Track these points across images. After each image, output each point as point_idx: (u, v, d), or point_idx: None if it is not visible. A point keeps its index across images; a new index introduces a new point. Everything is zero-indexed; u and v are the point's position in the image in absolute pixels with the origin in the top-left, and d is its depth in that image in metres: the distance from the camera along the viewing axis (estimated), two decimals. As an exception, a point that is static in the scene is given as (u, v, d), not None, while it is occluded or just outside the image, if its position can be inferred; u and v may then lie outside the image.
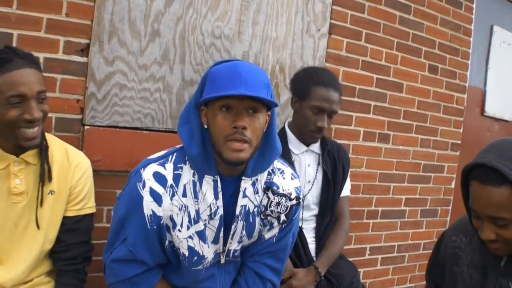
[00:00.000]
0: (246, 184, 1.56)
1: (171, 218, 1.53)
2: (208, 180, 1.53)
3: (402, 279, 3.47)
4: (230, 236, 1.60)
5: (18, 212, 1.59)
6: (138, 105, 2.20)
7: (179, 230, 1.54)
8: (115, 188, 2.17)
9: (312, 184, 2.26)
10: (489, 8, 3.92)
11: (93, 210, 1.76)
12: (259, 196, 1.60)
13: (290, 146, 2.22)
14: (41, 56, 1.95)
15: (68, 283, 1.68)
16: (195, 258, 1.58)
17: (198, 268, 1.60)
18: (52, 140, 1.68)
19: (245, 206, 1.57)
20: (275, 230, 1.66)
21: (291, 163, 2.15)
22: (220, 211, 1.54)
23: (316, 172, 2.27)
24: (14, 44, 1.90)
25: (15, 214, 1.58)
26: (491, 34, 3.99)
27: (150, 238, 1.54)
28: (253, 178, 1.58)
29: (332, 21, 2.81)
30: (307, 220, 2.27)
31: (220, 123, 1.43)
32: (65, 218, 1.68)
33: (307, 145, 2.24)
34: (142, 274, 1.60)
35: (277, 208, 1.61)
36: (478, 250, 1.53)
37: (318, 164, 2.28)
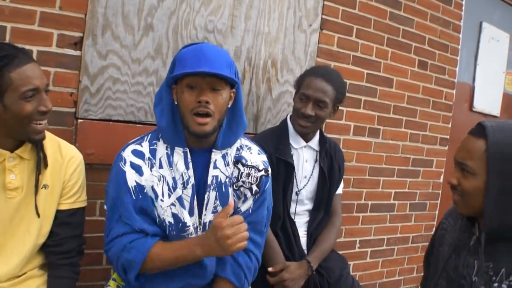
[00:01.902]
0: (216, 156, 1.71)
1: (153, 189, 1.65)
2: (178, 152, 1.68)
3: (391, 272, 3.52)
4: (204, 207, 1.70)
5: (13, 207, 1.60)
6: (131, 98, 2.21)
7: (162, 200, 1.66)
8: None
9: (308, 180, 2.28)
10: (478, 5, 3.96)
11: (85, 203, 1.79)
12: (230, 168, 1.74)
13: (290, 140, 2.24)
14: (34, 49, 1.96)
15: (63, 276, 1.69)
16: (180, 224, 1.68)
17: (184, 235, 1.69)
18: (46, 134, 1.68)
19: (216, 176, 1.71)
20: (250, 202, 1.78)
21: (289, 156, 2.19)
22: (192, 180, 1.68)
23: (313, 169, 2.30)
24: (7, 37, 1.90)
25: (10, 209, 1.59)
26: (480, 31, 4.04)
27: (139, 210, 1.64)
28: (223, 152, 1.73)
29: (324, 17, 2.84)
30: (300, 215, 2.30)
31: (186, 99, 1.60)
32: (58, 212, 1.70)
33: (306, 141, 2.26)
34: (138, 240, 1.64)
35: (248, 178, 1.76)
36: (459, 231, 1.62)
37: (316, 161, 2.30)
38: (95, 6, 2.06)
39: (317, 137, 2.30)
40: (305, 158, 2.27)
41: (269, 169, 1.83)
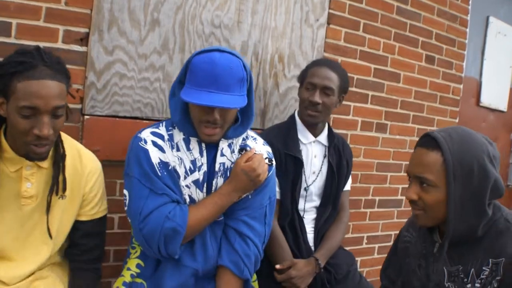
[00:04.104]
0: (223, 144, 1.77)
1: (175, 169, 1.70)
2: (194, 140, 1.73)
3: (398, 268, 3.50)
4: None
5: (26, 214, 1.56)
6: (138, 94, 2.20)
7: (182, 181, 1.72)
8: (115, 178, 2.17)
9: (317, 176, 2.26)
10: (485, -1, 3.94)
11: (105, 212, 1.76)
12: (235, 154, 1.80)
13: (299, 135, 2.22)
14: (40, 45, 1.93)
15: (87, 277, 1.70)
16: None
17: None
18: (66, 142, 1.63)
19: (223, 163, 1.77)
20: None
21: (298, 152, 2.17)
22: (204, 168, 1.74)
23: (322, 164, 2.27)
24: (13, 34, 1.89)
25: (22, 215, 1.55)
26: (487, 25, 4.01)
27: (167, 184, 1.67)
28: (229, 141, 1.79)
29: (331, 11, 2.81)
30: (308, 211, 2.27)
31: (194, 113, 1.67)
32: (80, 223, 1.68)
33: (315, 136, 2.24)
34: (176, 208, 1.66)
35: None
36: (422, 240, 1.65)
37: (324, 156, 2.28)
38: (101, 1, 2.05)
39: (325, 131, 2.28)
40: (314, 154, 2.25)
41: (273, 160, 1.88)
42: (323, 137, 2.27)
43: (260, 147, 1.86)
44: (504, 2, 4.19)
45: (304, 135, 2.23)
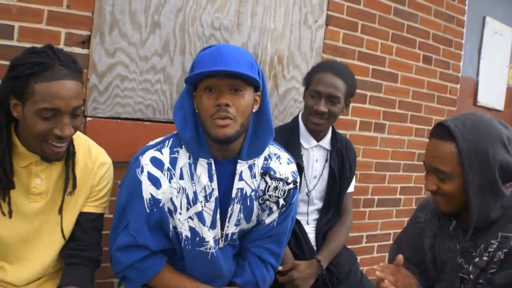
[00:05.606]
0: (242, 167, 1.60)
1: (172, 201, 1.56)
2: (202, 163, 1.56)
3: (398, 266, 3.52)
4: (227, 220, 1.62)
5: (34, 211, 1.52)
6: (139, 96, 2.21)
7: (180, 213, 1.57)
8: (117, 179, 2.15)
9: (318, 180, 2.24)
10: (482, -1, 3.97)
11: (105, 210, 1.70)
12: (256, 180, 1.63)
13: (301, 140, 2.20)
14: (42, 48, 1.96)
15: (82, 270, 1.61)
16: (197, 238, 1.60)
17: (201, 249, 1.61)
18: (77, 138, 1.58)
19: (242, 189, 1.61)
20: (275, 215, 1.69)
21: (299, 157, 2.13)
22: (215, 193, 1.58)
23: (323, 168, 2.25)
24: (15, 37, 1.90)
25: (31, 212, 1.51)
26: (483, 25, 4.04)
27: (152, 223, 1.57)
28: (250, 162, 1.61)
29: (329, 12, 2.84)
30: (310, 214, 2.27)
31: (205, 103, 1.48)
32: (81, 214, 1.61)
33: (318, 140, 2.21)
34: (145, 259, 1.59)
35: (275, 192, 1.64)
36: (437, 221, 1.67)
37: (326, 161, 2.25)
38: (102, 4, 2.06)
39: (329, 135, 2.25)
40: (315, 158, 2.23)
41: (298, 179, 1.73)
42: (326, 141, 2.24)
43: (284, 169, 1.67)
44: (501, 2, 4.22)
45: (306, 140, 2.20)
